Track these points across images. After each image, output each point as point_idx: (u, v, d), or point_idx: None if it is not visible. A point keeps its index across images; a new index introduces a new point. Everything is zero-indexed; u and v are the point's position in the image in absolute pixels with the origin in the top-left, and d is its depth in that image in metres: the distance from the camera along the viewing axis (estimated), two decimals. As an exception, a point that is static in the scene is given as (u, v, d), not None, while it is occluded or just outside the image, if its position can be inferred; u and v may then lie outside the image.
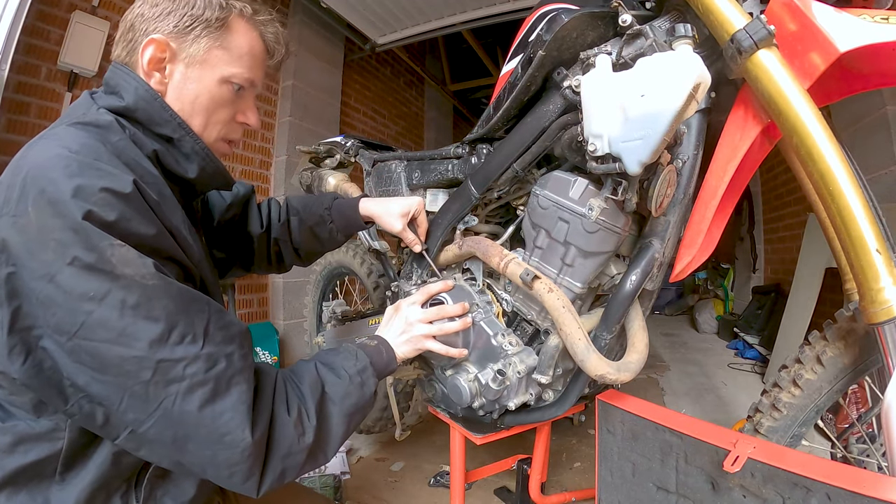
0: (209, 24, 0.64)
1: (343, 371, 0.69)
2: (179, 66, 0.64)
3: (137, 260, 0.50)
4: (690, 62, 0.65)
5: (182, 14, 0.63)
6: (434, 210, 1.19)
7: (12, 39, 1.57)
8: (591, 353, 0.85)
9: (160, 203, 0.57)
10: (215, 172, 0.70)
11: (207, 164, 0.68)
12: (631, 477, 0.94)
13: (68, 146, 0.51)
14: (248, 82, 0.69)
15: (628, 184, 0.80)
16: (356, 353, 0.74)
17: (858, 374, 0.83)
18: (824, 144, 0.67)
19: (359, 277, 1.82)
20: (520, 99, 0.92)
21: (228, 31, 0.66)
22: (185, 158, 0.66)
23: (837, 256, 0.97)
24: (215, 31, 0.65)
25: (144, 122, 0.63)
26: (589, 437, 1.97)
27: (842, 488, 0.62)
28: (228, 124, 0.70)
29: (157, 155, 0.63)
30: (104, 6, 2.10)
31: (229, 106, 0.69)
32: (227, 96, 0.68)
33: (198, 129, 0.67)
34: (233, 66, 0.66)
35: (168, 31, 0.63)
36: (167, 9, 0.63)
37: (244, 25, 0.68)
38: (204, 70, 0.65)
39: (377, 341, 0.81)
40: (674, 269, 0.88)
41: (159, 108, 0.63)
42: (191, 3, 0.64)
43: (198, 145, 0.66)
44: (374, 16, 3.21)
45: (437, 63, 5.05)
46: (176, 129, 0.64)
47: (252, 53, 0.69)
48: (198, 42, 0.64)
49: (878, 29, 0.68)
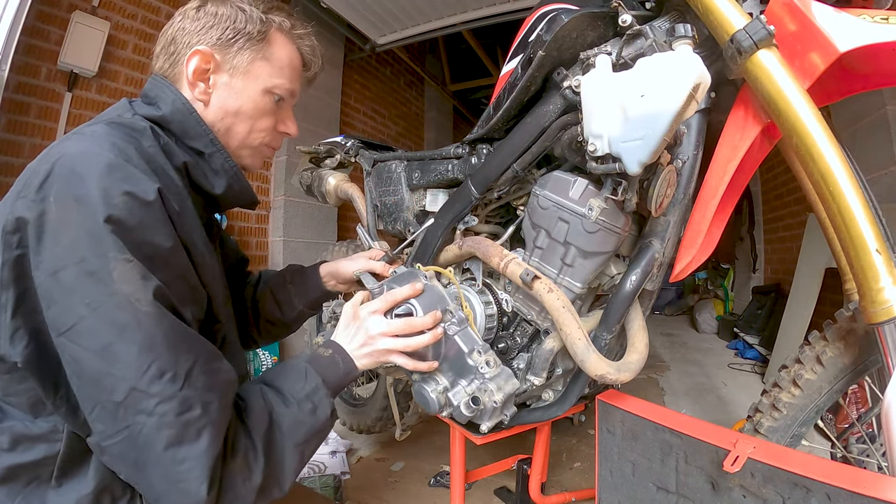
0: (251, 36, 0.67)
1: (291, 397, 0.63)
2: (224, 77, 0.67)
3: (139, 281, 0.49)
4: (690, 62, 0.65)
5: (225, 27, 0.66)
6: (434, 210, 1.19)
7: (12, 39, 1.57)
8: (591, 353, 0.85)
9: (181, 215, 0.57)
10: (241, 190, 0.71)
11: (235, 182, 0.69)
12: (631, 477, 0.94)
13: (101, 144, 0.52)
14: (289, 93, 0.72)
15: (628, 184, 0.80)
16: (305, 372, 0.66)
17: (858, 374, 0.83)
18: (824, 144, 0.67)
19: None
20: (520, 99, 0.92)
21: (269, 44, 0.69)
22: (213, 174, 0.67)
23: (837, 256, 0.97)
24: (257, 44, 0.68)
25: (178, 134, 0.64)
26: (589, 437, 1.97)
27: (842, 488, 0.62)
28: (270, 133, 0.73)
29: (186, 167, 0.64)
30: (104, 6, 2.10)
31: (271, 116, 0.71)
32: (270, 106, 0.70)
33: (241, 136, 0.69)
34: (275, 78, 0.69)
35: (212, 43, 0.65)
36: (209, 23, 0.65)
37: (283, 38, 0.71)
38: (248, 81, 0.68)
39: (332, 350, 0.72)
40: (674, 269, 0.88)
41: (194, 122, 0.65)
42: (232, 17, 0.66)
43: (227, 163, 0.68)
44: (374, 16, 3.21)
45: (437, 63, 5.04)
46: (208, 145, 0.66)
47: (292, 65, 0.72)
48: (241, 54, 0.67)
49: (878, 29, 0.68)
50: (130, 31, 2.21)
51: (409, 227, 1.27)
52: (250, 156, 0.73)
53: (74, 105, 2.04)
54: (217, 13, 0.66)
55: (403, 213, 1.28)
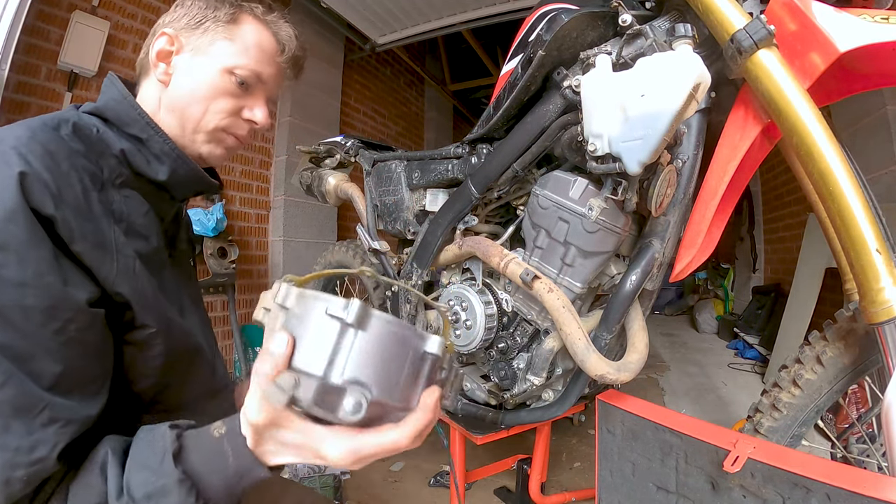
0: (218, 19, 0.66)
1: (127, 487, 0.43)
2: (185, 57, 0.66)
3: None
4: (690, 62, 0.65)
5: (194, 13, 0.66)
6: (434, 210, 1.19)
7: (12, 39, 1.57)
8: (591, 353, 0.85)
9: (82, 202, 0.51)
10: (189, 175, 0.67)
11: (179, 166, 0.65)
12: (631, 477, 0.94)
13: (7, 131, 0.51)
14: (255, 75, 0.68)
15: (628, 184, 0.80)
16: (163, 456, 0.43)
17: (858, 374, 0.83)
18: (824, 144, 0.67)
19: (359, 277, 1.81)
20: (520, 99, 0.92)
21: (237, 24, 0.67)
22: (155, 159, 0.63)
23: (837, 256, 0.97)
24: (224, 25, 0.66)
25: (115, 122, 0.62)
26: (589, 437, 1.97)
27: (842, 488, 0.62)
28: (231, 117, 0.68)
29: (124, 154, 0.61)
30: (104, 6, 2.10)
31: (231, 98, 0.67)
32: (229, 87, 0.66)
33: (196, 118, 0.66)
34: (237, 57, 0.66)
35: (180, 26, 0.66)
36: (183, 12, 0.66)
37: (253, 21, 0.69)
38: (207, 59, 0.66)
39: (225, 430, 0.45)
40: (674, 269, 0.88)
41: (127, 106, 0.63)
42: (204, 4, 0.66)
43: (167, 145, 0.64)
44: (374, 16, 3.21)
45: (437, 63, 5.04)
46: (144, 128, 0.63)
47: (260, 47, 0.68)
48: (205, 35, 0.66)
49: (878, 29, 0.68)
50: (130, 31, 2.20)
51: (408, 226, 1.27)
52: (207, 142, 0.68)
53: (74, 105, 2.04)
54: (192, 3, 0.67)
55: (403, 213, 1.28)
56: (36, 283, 0.46)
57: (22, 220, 0.45)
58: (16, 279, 0.45)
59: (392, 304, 1.33)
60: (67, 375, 0.47)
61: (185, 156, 0.66)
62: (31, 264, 0.46)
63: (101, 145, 0.59)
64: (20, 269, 0.45)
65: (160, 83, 0.65)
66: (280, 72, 0.72)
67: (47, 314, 0.46)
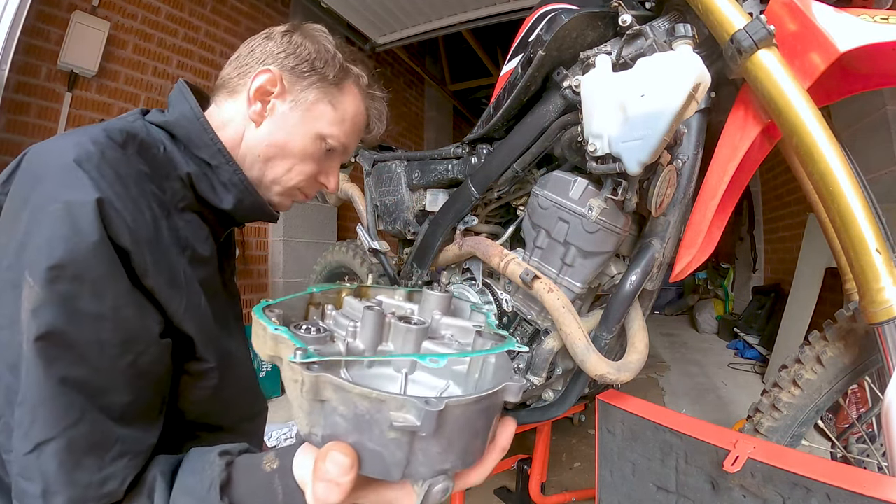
0: (325, 77, 0.64)
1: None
2: (284, 106, 0.63)
3: (29, 312, 0.41)
4: (690, 62, 0.65)
5: (304, 59, 0.63)
6: (434, 210, 1.19)
7: (12, 39, 1.57)
8: (591, 353, 0.85)
9: (153, 234, 0.50)
10: (254, 206, 0.65)
11: (245, 197, 0.63)
12: (631, 477, 0.94)
13: (68, 141, 0.48)
14: (342, 147, 0.68)
15: (628, 184, 0.80)
16: (209, 487, 0.41)
17: (858, 374, 0.83)
18: (824, 144, 0.67)
19: (358, 277, 1.81)
20: (520, 99, 0.92)
21: (340, 92, 0.66)
22: (222, 187, 0.62)
23: (837, 256, 0.97)
24: (329, 87, 0.65)
25: (185, 142, 0.60)
26: (589, 437, 1.97)
27: (842, 488, 0.62)
28: (309, 180, 0.68)
29: (190, 178, 0.59)
30: (104, 6, 2.10)
31: (316, 163, 0.67)
32: (318, 153, 0.66)
33: (279, 172, 0.65)
34: (333, 126, 0.66)
35: (286, 68, 0.63)
36: (292, 51, 0.63)
37: (356, 92, 0.68)
38: (306, 118, 0.64)
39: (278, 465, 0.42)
40: (674, 269, 0.88)
41: (200, 129, 0.60)
42: (314, 53, 0.64)
43: (236, 176, 0.62)
44: (374, 16, 3.21)
45: (437, 63, 5.04)
46: (215, 155, 0.60)
47: (354, 121, 0.68)
48: (309, 91, 0.64)
49: (878, 29, 0.68)
50: (130, 31, 2.20)
51: (408, 226, 1.28)
52: (280, 194, 0.68)
53: (74, 105, 2.04)
54: (301, 44, 0.64)
55: (403, 213, 1.28)
56: (113, 317, 0.45)
57: (103, 252, 0.44)
58: (93, 312, 0.43)
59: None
60: (135, 406, 0.47)
61: (252, 188, 0.64)
62: (109, 298, 0.44)
63: (167, 167, 0.56)
64: (97, 302, 0.44)
65: (250, 120, 0.63)
66: (359, 142, 0.73)
67: (123, 348, 0.45)
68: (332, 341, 0.42)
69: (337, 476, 0.31)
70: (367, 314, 0.42)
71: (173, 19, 2.43)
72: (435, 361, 0.35)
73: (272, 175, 0.65)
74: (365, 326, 0.42)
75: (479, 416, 0.33)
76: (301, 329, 0.40)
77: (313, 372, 0.31)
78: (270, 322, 0.38)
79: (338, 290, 0.51)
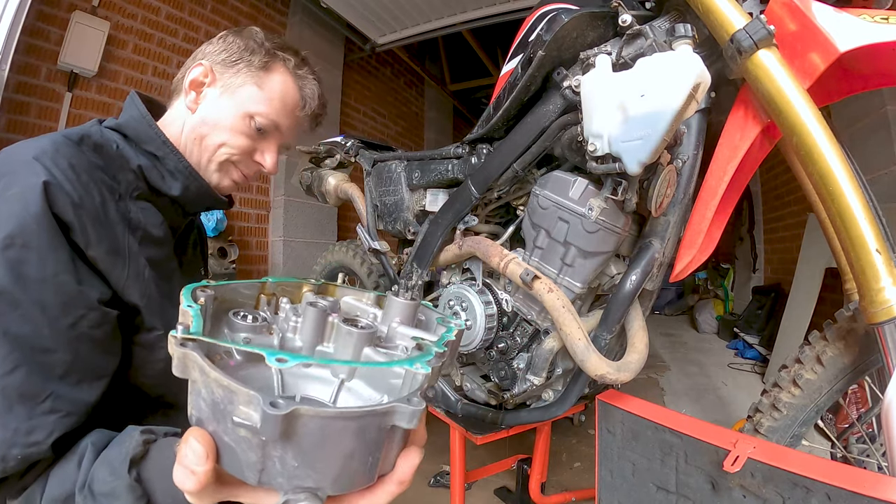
0: (252, 63, 0.70)
1: (90, 482, 0.45)
2: (215, 91, 0.70)
3: None
4: (690, 62, 0.65)
5: (233, 51, 0.70)
6: (434, 210, 1.19)
7: (12, 39, 1.57)
8: (591, 353, 0.85)
9: (99, 211, 0.55)
10: (200, 191, 0.71)
11: (191, 183, 0.69)
12: (631, 477, 0.94)
13: (33, 145, 0.54)
14: (273, 125, 0.72)
15: (628, 184, 0.80)
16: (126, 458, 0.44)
17: (858, 374, 0.83)
18: (824, 144, 0.67)
19: (358, 277, 1.81)
20: (520, 99, 0.92)
21: (267, 73, 0.71)
22: (170, 175, 0.68)
23: (837, 256, 0.97)
24: (256, 71, 0.70)
25: (134, 139, 0.66)
26: (589, 437, 1.97)
27: (842, 488, 0.62)
28: (243, 156, 0.72)
29: (141, 170, 0.65)
30: (104, 6, 2.10)
31: (247, 138, 0.71)
32: (246, 130, 0.70)
33: (211, 148, 0.70)
34: (260, 104, 0.70)
35: (217, 61, 0.70)
36: (224, 47, 0.71)
37: (284, 73, 0.72)
38: (233, 100, 0.69)
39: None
40: (674, 269, 0.88)
41: (146, 125, 0.66)
42: (243, 45, 0.70)
43: (181, 164, 0.68)
44: (374, 16, 3.21)
45: (437, 63, 5.04)
46: (160, 147, 0.67)
47: (283, 100, 0.72)
48: (237, 76, 0.69)
49: (878, 29, 0.68)
50: (130, 31, 2.21)
51: (408, 226, 1.27)
52: (217, 171, 0.72)
53: (74, 105, 2.04)
54: (233, 41, 0.71)
55: (403, 213, 1.28)
56: (53, 281, 0.50)
57: (45, 223, 0.50)
58: (36, 276, 0.49)
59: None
60: (73, 366, 0.51)
61: (196, 173, 0.70)
62: (51, 264, 0.50)
63: (120, 160, 0.63)
64: (41, 267, 0.50)
65: (188, 109, 0.70)
66: (298, 124, 0.76)
67: (62, 309, 0.50)
68: (269, 333, 0.40)
69: (192, 463, 0.30)
70: (309, 311, 0.40)
71: (173, 19, 2.43)
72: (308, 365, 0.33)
73: (207, 153, 0.70)
74: (305, 323, 0.40)
75: (351, 436, 0.29)
76: (238, 315, 0.39)
77: (183, 348, 0.30)
78: (189, 299, 0.36)
79: (298, 285, 0.49)
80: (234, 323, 0.38)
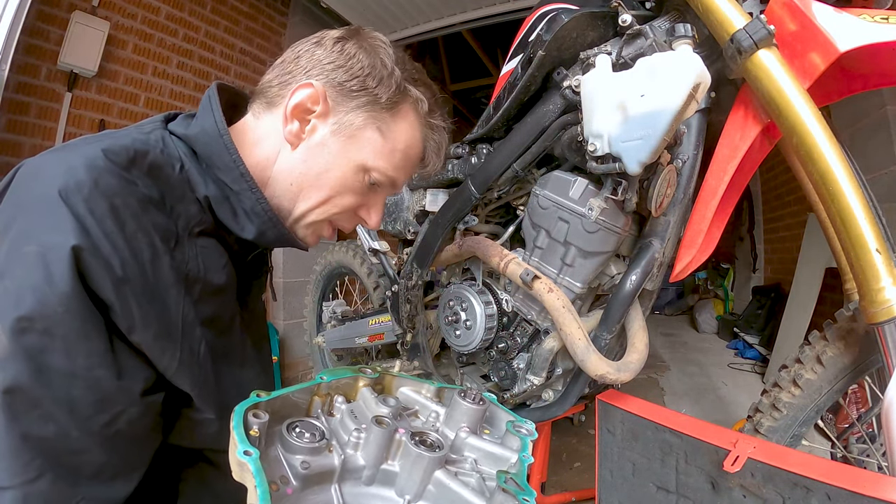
0: (378, 99, 0.55)
1: None
2: (325, 129, 0.55)
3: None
4: (690, 62, 0.65)
5: (355, 74, 0.54)
6: (434, 210, 1.19)
7: (12, 39, 1.57)
8: (591, 353, 0.85)
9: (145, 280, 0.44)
10: (279, 238, 0.57)
11: (269, 230, 0.55)
12: (631, 477, 0.94)
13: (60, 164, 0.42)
14: (389, 182, 0.59)
15: (628, 184, 0.80)
16: None
17: (858, 374, 0.83)
18: (824, 144, 0.67)
19: (359, 277, 1.82)
20: (520, 99, 0.92)
21: (393, 118, 0.57)
22: (244, 215, 0.54)
23: (837, 256, 0.97)
24: (380, 111, 0.55)
25: (205, 159, 0.52)
26: (589, 437, 1.97)
27: (842, 488, 0.62)
28: (347, 213, 0.59)
29: (209, 201, 0.52)
30: (104, 6, 2.10)
31: (357, 196, 0.58)
32: (359, 186, 0.57)
33: (312, 203, 0.57)
34: (380, 158, 0.56)
35: (333, 83, 0.54)
36: (343, 63, 0.54)
37: (412, 120, 0.59)
38: (348, 146, 0.55)
39: None
40: (674, 269, 0.88)
41: (222, 148, 0.51)
42: (368, 69, 0.55)
43: (259, 206, 0.53)
44: (374, 16, 3.21)
45: (437, 63, 5.04)
46: (237, 180, 0.52)
47: (406, 153, 0.59)
48: (357, 113, 0.55)
49: (878, 29, 0.68)
50: (130, 31, 2.20)
51: (408, 226, 1.27)
52: (308, 227, 0.59)
53: (74, 105, 2.04)
54: (355, 56, 0.55)
55: (403, 213, 1.28)
56: (86, 377, 0.40)
57: (75, 307, 0.39)
58: (62, 369, 0.39)
59: (392, 303, 1.33)
60: (110, 464, 0.43)
61: (276, 219, 0.55)
62: (81, 357, 0.40)
63: (181, 188, 0.50)
64: (68, 360, 0.39)
65: (286, 141, 0.55)
66: (411, 176, 0.64)
67: (96, 408, 0.41)
68: (329, 451, 0.37)
69: None
70: (374, 430, 0.37)
71: (173, 19, 2.43)
72: None
73: (303, 207, 0.57)
74: (370, 442, 0.37)
75: None
76: (294, 432, 0.36)
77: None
78: (243, 437, 0.32)
79: (353, 379, 0.44)
80: (290, 443, 0.35)
